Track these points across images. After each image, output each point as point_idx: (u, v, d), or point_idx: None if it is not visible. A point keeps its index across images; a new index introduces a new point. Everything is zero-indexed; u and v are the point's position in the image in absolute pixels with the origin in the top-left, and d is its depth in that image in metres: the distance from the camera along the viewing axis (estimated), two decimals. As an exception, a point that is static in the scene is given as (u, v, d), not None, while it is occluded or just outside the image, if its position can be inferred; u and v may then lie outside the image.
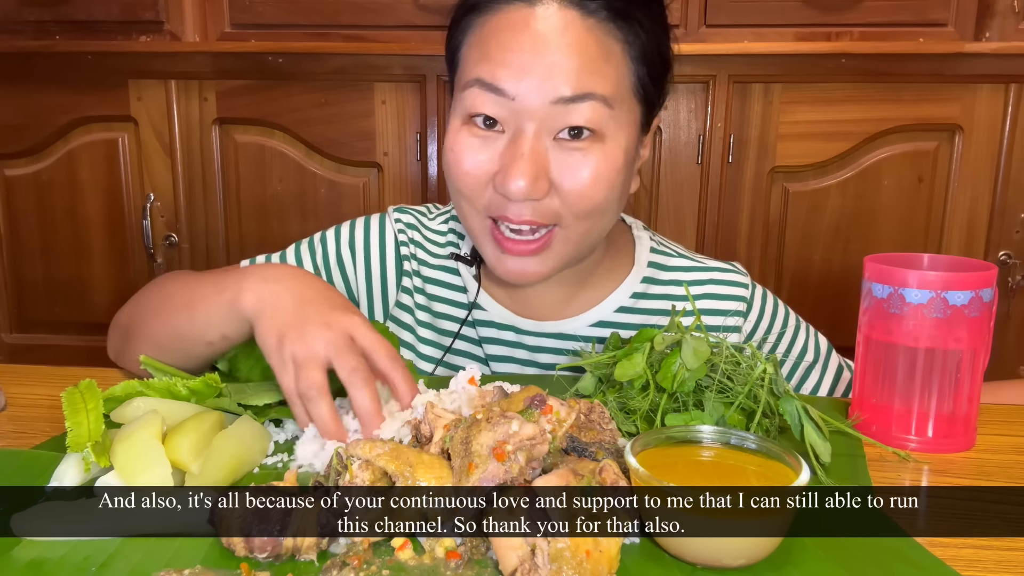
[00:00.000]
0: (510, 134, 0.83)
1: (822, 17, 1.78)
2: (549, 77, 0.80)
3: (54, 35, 1.91)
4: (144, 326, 0.89)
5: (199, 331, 0.82)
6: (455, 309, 1.00)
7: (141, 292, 0.97)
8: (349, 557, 0.55)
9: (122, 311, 0.98)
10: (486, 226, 0.87)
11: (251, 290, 0.77)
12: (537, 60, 0.80)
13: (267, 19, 1.88)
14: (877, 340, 0.79)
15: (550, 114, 0.81)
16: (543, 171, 0.81)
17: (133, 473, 0.62)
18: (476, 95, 0.82)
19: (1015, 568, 0.58)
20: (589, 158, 0.82)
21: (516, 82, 0.80)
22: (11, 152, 1.95)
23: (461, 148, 0.84)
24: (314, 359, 0.71)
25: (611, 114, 0.82)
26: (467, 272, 1.00)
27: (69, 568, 0.55)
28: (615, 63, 0.82)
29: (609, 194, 0.84)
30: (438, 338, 1.01)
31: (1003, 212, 1.78)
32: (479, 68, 0.82)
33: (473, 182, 0.84)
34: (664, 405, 0.77)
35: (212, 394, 0.77)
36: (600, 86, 0.81)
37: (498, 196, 0.83)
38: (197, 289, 0.83)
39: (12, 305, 2.03)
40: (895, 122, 1.76)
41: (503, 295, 1.00)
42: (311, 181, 1.90)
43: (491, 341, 1.00)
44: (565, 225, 0.85)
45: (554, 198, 0.83)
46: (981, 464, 0.76)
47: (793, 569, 0.56)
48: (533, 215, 0.83)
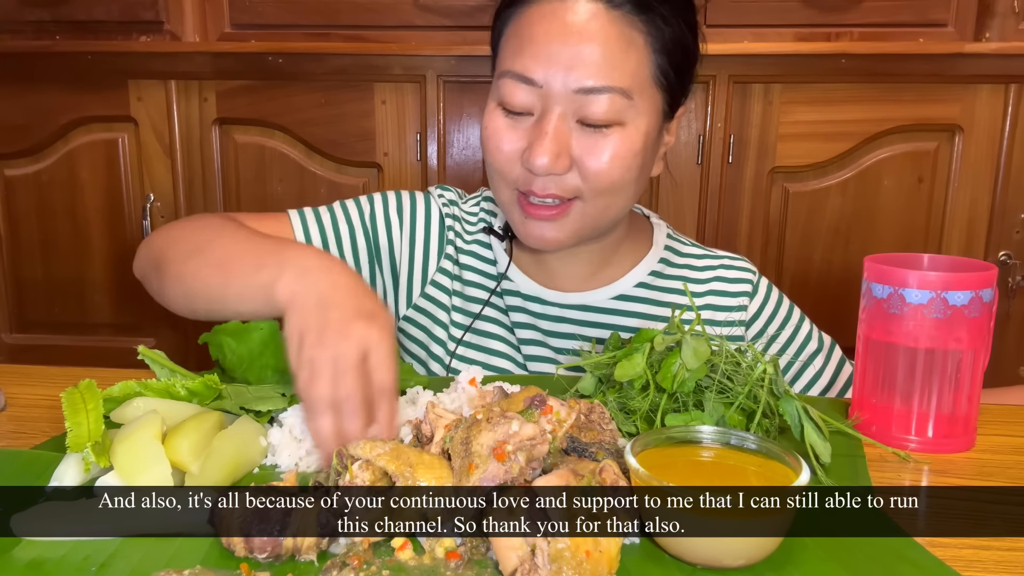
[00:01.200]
0: (537, 115, 0.91)
1: (822, 17, 1.78)
2: (572, 68, 0.88)
3: (54, 35, 1.91)
4: (177, 266, 0.90)
5: (233, 302, 0.83)
6: (487, 280, 1.07)
7: (179, 223, 0.98)
8: (349, 557, 0.55)
9: (157, 234, 0.98)
10: (514, 197, 0.95)
11: (288, 283, 0.76)
12: (564, 51, 0.88)
13: (267, 19, 1.88)
14: (877, 340, 0.79)
15: (573, 100, 0.89)
16: (565, 149, 0.90)
17: (133, 473, 0.62)
18: (509, 86, 0.91)
19: (1015, 568, 0.58)
20: (609, 140, 0.90)
21: (544, 72, 0.89)
22: (11, 152, 1.95)
23: (496, 127, 0.94)
24: (324, 371, 0.70)
25: (630, 104, 0.90)
26: (499, 247, 1.07)
27: (69, 568, 0.55)
28: (636, 54, 0.89)
29: (626, 174, 0.92)
30: (466, 305, 1.06)
31: (1003, 212, 1.78)
32: (514, 61, 0.91)
33: (504, 158, 0.93)
34: (664, 405, 0.77)
35: (211, 395, 0.77)
36: (619, 79, 0.88)
37: (525, 171, 0.92)
38: (235, 252, 0.84)
39: (12, 305, 2.03)
40: (895, 122, 1.76)
41: (532, 268, 1.06)
42: (311, 181, 1.90)
43: (517, 310, 1.05)
44: (585, 199, 0.93)
45: (575, 174, 0.91)
46: (981, 464, 0.76)
47: (794, 569, 0.56)
48: (556, 189, 0.91)
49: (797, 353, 1.07)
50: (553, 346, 1.04)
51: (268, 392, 0.82)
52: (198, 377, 0.79)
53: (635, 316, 1.04)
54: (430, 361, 1.06)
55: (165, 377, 0.80)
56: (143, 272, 0.99)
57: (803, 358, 1.06)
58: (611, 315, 1.04)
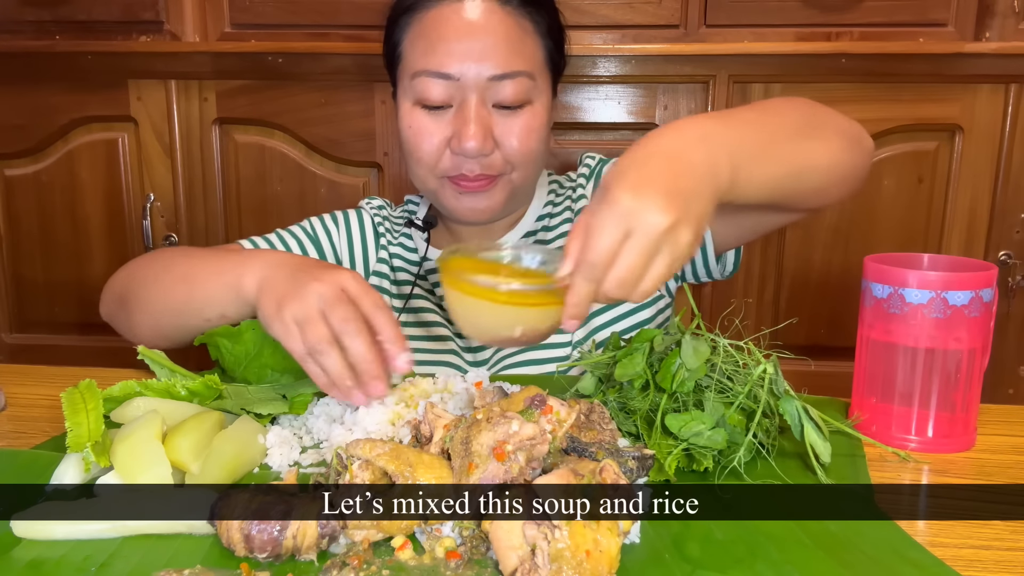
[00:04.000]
0: (457, 105, 1.01)
1: (822, 17, 1.78)
2: (483, 59, 0.99)
3: (54, 35, 1.91)
4: (141, 293, 0.94)
5: (197, 307, 0.87)
6: (411, 266, 1.17)
7: (136, 260, 1.04)
8: (349, 557, 0.55)
9: (117, 276, 1.04)
10: (444, 182, 1.04)
11: (254, 273, 0.81)
12: (473, 45, 0.99)
13: (267, 19, 1.88)
14: (877, 340, 0.79)
15: (487, 87, 1.00)
16: (488, 131, 1.00)
17: (133, 473, 0.62)
18: (425, 83, 1.00)
19: (1015, 568, 0.58)
20: (522, 118, 1.02)
21: (459, 65, 0.99)
22: (11, 152, 1.95)
23: (419, 124, 1.02)
24: (313, 315, 0.73)
25: (534, 84, 1.02)
26: (419, 238, 1.19)
27: (69, 568, 0.55)
28: (530, 41, 1.02)
29: (539, 145, 1.05)
30: (400, 290, 1.16)
31: (1003, 212, 1.78)
32: (426, 60, 1.00)
33: (431, 149, 1.02)
34: (664, 405, 0.77)
35: (212, 396, 0.77)
36: (523, 63, 1.00)
37: (454, 159, 1.01)
38: (196, 265, 0.89)
39: (12, 305, 2.03)
40: (895, 122, 1.76)
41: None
42: (311, 181, 1.90)
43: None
44: (507, 173, 1.04)
45: (497, 154, 1.02)
46: (981, 464, 0.76)
47: (793, 569, 0.56)
48: (482, 170, 1.01)
49: None
50: None
51: (269, 394, 0.82)
52: (198, 377, 0.79)
53: (543, 242, 1.14)
54: None
55: (165, 377, 0.80)
56: (110, 313, 1.04)
57: None
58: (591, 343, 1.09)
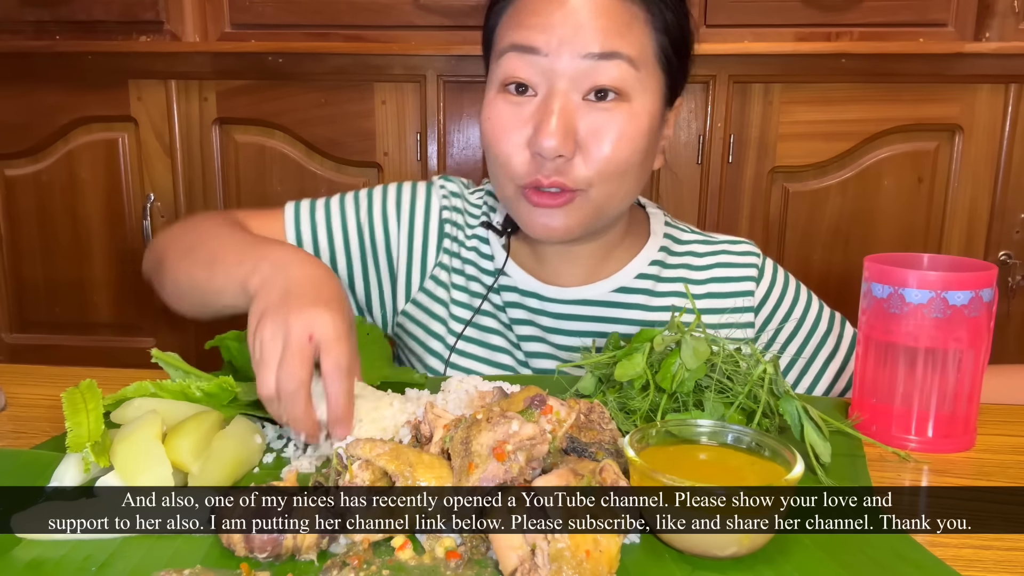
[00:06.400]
0: (542, 95, 0.89)
1: (822, 17, 1.78)
2: (578, 34, 0.86)
3: (54, 35, 1.91)
4: (172, 262, 0.95)
5: (216, 292, 0.87)
6: (485, 276, 1.05)
7: (181, 224, 1.03)
8: (349, 557, 0.55)
9: (160, 236, 1.04)
10: (519, 191, 0.92)
11: (261, 273, 0.79)
12: (567, 19, 0.86)
13: (267, 19, 1.88)
14: (877, 340, 0.79)
15: (580, 70, 0.87)
16: (571, 129, 0.87)
17: (133, 473, 0.62)
18: (511, 60, 0.89)
19: (1015, 568, 0.58)
20: (615, 118, 0.88)
21: (548, 40, 0.86)
22: (11, 152, 1.95)
23: (497, 115, 0.91)
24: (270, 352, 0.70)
25: (637, 76, 0.88)
26: (496, 243, 1.05)
27: (69, 568, 0.55)
28: (639, 27, 0.89)
29: (632, 156, 0.90)
30: (470, 300, 1.05)
31: (1003, 212, 1.78)
32: (514, 35, 0.89)
33: (509, 147, 0.90)
34: (664, 405, 0.77)
35: (227, 397, 0.76)
36: (626, 47, 0.87)
37: (531, 161, 0.89)
38: (223, 248, 0.88)
39: (12, 305, 2.03)
40: (895, 122, 1.76)
41: (531, 264, 1.04)
42: (311, 181, 1.90)
43: (514, 306, 1.03)
44: (588, 187, 0.90)
45: (580, 162, 0.88)
46: (981, 464, 0.76)
47: (793, 569, 0.56)
48: (561, 178, 0.88)
49: (809, 336, 1.05)
50: (554, 342, 1.03)
51: None
52: (213, 378, 0.78)
53: (637, 308, 1.03)
54: (427, 356, 1.05)
55: (179, 379, 0.80)
56: (148, 272, 1.04)
57: (815, 340, 1.05)
58: (612, 308, 1.02)
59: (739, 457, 0.63)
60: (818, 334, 1.05)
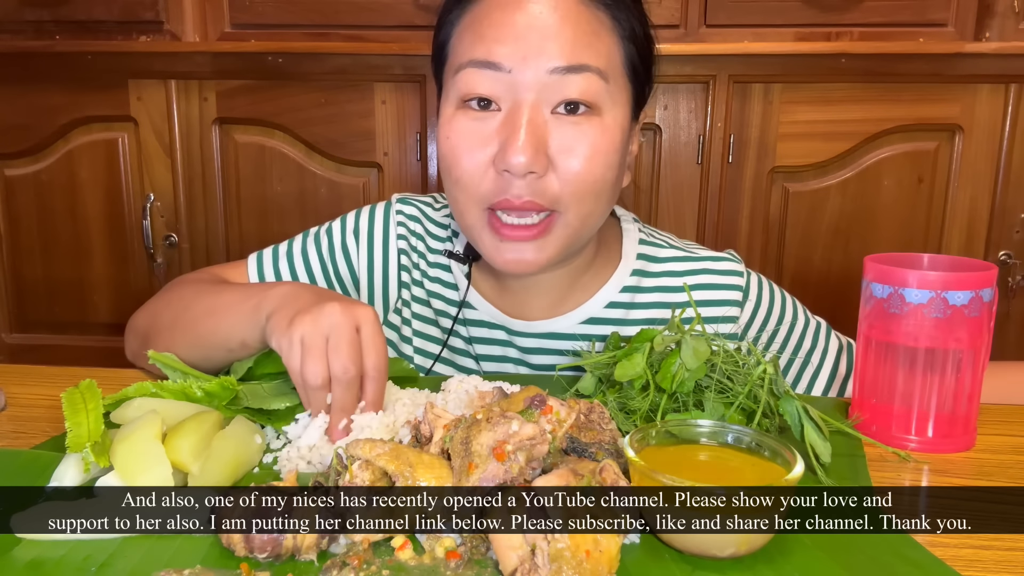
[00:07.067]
0: (507, 109, 0.81)
1: (822, 17, 1.78)
2: (543, 47, 0.79)
3: (54, 35, 1.91)
4: (165, 331, 0.90)
5: (222, 338, 0.82)
6: (449, 307, 1.00)
7: (157, 297, 0.98)
8: (349, 557, 0.55)
9: (139, 315, 0.99)
10: (483, 218, 0.85)
11: (272, 298, 0.78)
12: (530, 31, 0.79)
13: (267, 19, 1.88)
14: (877, 340, 0.79)
15: (547, 85, 0.80)
16: (542, 144, 0.80)
17: (133, 473, 0.62)
18: (470, 75, 0.81)
19: (1015, 568, 0.58)
20: (587, 133, 0.81)
21: (511, 54, 0.79)
22: (11, 152, 1.95)
23: (458, 133, 0.83)
24: (319, 343, 0.70)
25: (606, 88, 0.82)
26: (459, 270, 0.98)
27: (69, 568, 0.55)
28: (606, 38, 0.83)
29: (606, 172, 0.84)
30: (439, 334, 1.01)
31: (1003, 212, 1.78)
32: (472, 50, 0.81)
33: (472, 166, 0.82)
34: (664, 405, 0.77)
35: (228, 396, 0.77)
36: (594, 58, 0.81)
37: (498, 180, 0.82)
38: (220, 296, 0.85)
39: (12, 305, 2.03)
40: (895, 122, 1.76)
41: (494, 295, 0.98)
42: (311, 181, 1.90)
43: (481, 341, 0.99)
44: (564, 209, 0.83)
45: (552, 178, 0.82)
46: (981, 464, 0.76)
47: (793, 569, 0.56)
48: (533, 195, 0.81)
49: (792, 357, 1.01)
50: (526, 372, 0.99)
51: (284, 389, 0.81)
52: (213, 378, 0.78)
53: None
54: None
55: (177, 379, 0.80)
56: (134, 352, 0.98)
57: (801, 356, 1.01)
58: (582, 341, 0.95)
59: (739, 457, 0.63)
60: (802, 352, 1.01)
